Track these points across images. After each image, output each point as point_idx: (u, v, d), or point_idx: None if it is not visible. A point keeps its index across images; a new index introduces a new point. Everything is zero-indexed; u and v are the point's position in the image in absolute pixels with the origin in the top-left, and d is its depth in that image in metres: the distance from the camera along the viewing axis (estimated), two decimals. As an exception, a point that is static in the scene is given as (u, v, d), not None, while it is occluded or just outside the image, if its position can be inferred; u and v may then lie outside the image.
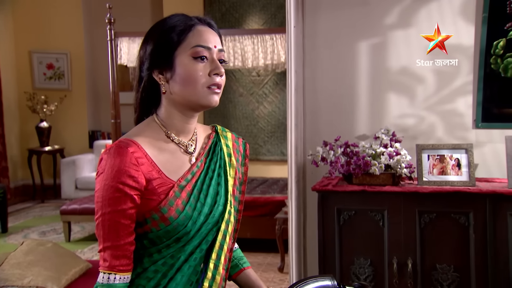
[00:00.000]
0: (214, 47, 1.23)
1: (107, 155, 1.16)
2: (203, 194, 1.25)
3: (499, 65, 2.87)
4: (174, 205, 1.18)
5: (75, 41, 7.60)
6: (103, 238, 1.15)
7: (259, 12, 6.50)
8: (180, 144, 1.27)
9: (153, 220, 1.17)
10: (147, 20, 7.52)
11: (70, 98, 7.63)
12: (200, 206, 1.23)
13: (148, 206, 1.17)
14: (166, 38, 1.22)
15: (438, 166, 2.81)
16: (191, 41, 1.21)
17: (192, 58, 1.20)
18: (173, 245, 1.21)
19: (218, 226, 1.27)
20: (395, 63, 3.07)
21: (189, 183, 1.23)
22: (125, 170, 1.13)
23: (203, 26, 1.25)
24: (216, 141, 1.36)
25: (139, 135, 1.22)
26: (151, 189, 1.17)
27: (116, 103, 4.63)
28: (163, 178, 1.19)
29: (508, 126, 2.89)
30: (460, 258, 2.68)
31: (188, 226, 1.20)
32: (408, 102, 3.07)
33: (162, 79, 1.23)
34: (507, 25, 2.84)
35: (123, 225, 1.14)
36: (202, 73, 1.20)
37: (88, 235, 5.65)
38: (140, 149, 1.17)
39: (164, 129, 1.25)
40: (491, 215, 2.61)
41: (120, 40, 4.72)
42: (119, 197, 1.13)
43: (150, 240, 1.20)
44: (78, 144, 7.67)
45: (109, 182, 1.13)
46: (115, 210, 1.13)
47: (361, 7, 3.08)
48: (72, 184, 6.80)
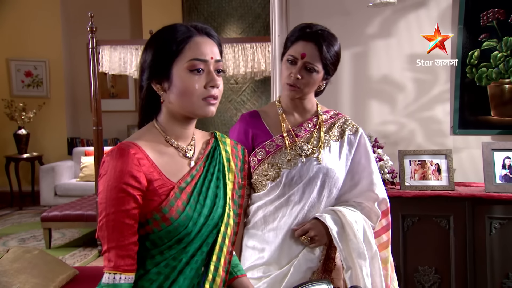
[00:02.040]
0: (211, 59, 1.22)
1: (109, 157, 1.15)
2: (203, 196, 1.25)
3: (474, 74, 2.93)
4: (174, 206, 1.18)
5: (54, 49, 7.42)
6: (107, 238, 1.13)
7: (237, 22, 6.48)
8: (179, 148, 1.27)
9: (155, 220, 1.17)
10: (126, 29, 7.41)
11: (49, 105, 7.44)
12: (200, 208, 1.23)
13: (150, 207, 1.17)
14: (164, 49, 1.21)
15: (419, 171, 2.84)
16: (187, 54, 1.20)
17: (188, 71, 1.19)
18: (174, 247, 1.20)
19: (218, 228, 1.27)
20: (376, 71, 3.09)
21: (189, 185, 1.23)
22: (128, 170, 1.13)
23: (200, 37, 1.23)
24: (215, 146, 1.36)
25: (139, 139, 1.22)
26: (152, 190, 1.17)
27: (98, 110, 4.53)
28: (163, 179, 1.19)
29: (483, 132, 2.95)
30: (441, 260, 2.70)
31: (189, 227, 1.19)
32: (389, 110, 3.09)
33: (160, 89, 1.23)
34: (480, 36, 2.90)
35: (127, 225, 1.13)
36: (198, 85, 1.19)
37: (69, 241, 5.49)
38: (141, 151, 1.18)
39: (163, 134, 1.26)
40: (470, 218, 2.65)
41: (101, 48, 4.62)
42: (123, 197, 1.12)
43: (151, 242, 1.19)
44: (57, 151, 7.48)
45: (112, 183, 1.12)
46: (119, 210, 1.12)
47: (343, 16, 3.09)
48: (51, 191, 6.62)
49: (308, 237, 1.72)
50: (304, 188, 1.74)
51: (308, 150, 1.77)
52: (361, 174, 1.82)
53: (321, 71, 1.75)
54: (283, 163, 1.76)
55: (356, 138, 1.84)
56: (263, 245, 1.77)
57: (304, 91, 1.76)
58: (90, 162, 6.60)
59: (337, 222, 1.73)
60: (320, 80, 1.78)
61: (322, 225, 1.72)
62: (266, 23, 6.30)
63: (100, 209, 1.14)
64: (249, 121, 1.85)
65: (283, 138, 1.79)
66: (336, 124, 1.85)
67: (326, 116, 1.87)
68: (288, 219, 1.75)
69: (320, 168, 1.75)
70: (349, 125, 1.86)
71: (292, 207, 1.75)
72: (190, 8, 6.65)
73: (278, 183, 1.75)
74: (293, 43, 1.76)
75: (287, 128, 1.81)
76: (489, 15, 2.85)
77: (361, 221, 1.76)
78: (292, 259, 1.74)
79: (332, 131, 1.83)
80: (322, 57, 1.71)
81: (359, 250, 1.71)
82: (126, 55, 4.61)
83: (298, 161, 1.75)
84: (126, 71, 4.68)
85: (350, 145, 1.83)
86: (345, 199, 1.83)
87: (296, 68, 1.72)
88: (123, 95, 7.63)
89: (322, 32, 1.74)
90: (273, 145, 1.79)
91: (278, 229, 1.75)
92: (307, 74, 1.73)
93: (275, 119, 1.84)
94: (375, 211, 1.81)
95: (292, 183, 1.74)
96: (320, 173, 1.75)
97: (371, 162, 1.84)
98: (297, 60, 1.73)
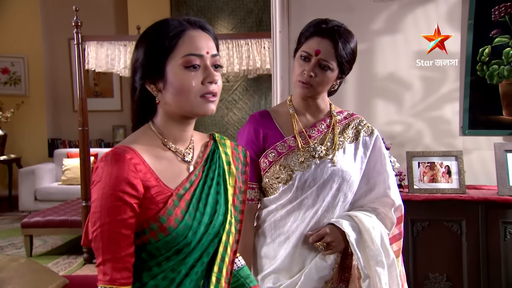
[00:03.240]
0: (207, 53, 1.17)
1: (103, 163, 1.11)
2: (202, 203, 1.21)
3: (485, 72, 2.90)
4: (173, 214, 1.14)
5: (33, 44, 7.27)
6: (102, 250, 1.09)
7: (228, 17, 6.42)
8: (177, 152, 1.23)
9: (152, 230, 1.13)
10: (111, 25, 7.29)
11: (28, 104, 7.29)
12: (200, 216, 1.19)
13: (146, 216, 1.13)
14: (156, 46, 1.17)
15: (428, 174, 2.80)
16: (181, 50, 1.16)
17: (183, 67, 1.15)
18: (173, 258, 1.16)
19: (219, 237, 1.23)
20: (382, 69, 3.05)
21: (188, 192, 1.20)
22: (124, 177, 1.09)
23: (194, 31, 1.18)
24: (214, 149, 1.32)
25: (135, 142, 1.18)
26: (150, 198, 1.13)
27: (83, 109, 4.44)
28: (161, 186, 1.16)
29: (494, 133, 2.93)
30: (453, 266, 2.67)
31: (188, 237, 1.15)
32: (395, 109, 3.06)
33: (155, 89, 1.19)
34: (492, 32, 2.88)
35: (124, 236, 1.09)
36: (195, 82, 1.15)
37: (51, 249, 5.37)
38: (137, 156, 1.14)
39: (160, 137, 1.22)
40: (483, 223, 2.62)
41: (87, 44, 4.53)
42: (119, 206, 1.08)
43: (148, 253, 1.15)
44: (36, 153, 7.33)
45: (107, 190, 1.08)
46: (115, 220, 1.08)
47: (347, 12, 3.04)
48: (31, 195, 6.47)
49: (324, 243, 1.68)
50: (318, 192, 1.71)
51: (322, 152, 1.74)
52: (377, 178, 1.80)
53: (335, 69, 1.72)
54: (295, 165, 1.72)
55: (372, 140, 1.81)
56: (274, 252, 1.74)
57: (317, 90, 1.73)
58: (73, 165, 6.48)
59: (355, 228, 1.70)
60: (334, 79, 1.75)
61: (339, 231, 1.69)
62: (259, 18, 6.26)
63: (94, 219, 1.10)
64: (259, 120, 1.82)
65: (295, 139, 1.76)
66: (350, 125, 1.82)
67: (340, 117, 1.84)
68: (300, 224, 1.72)
69: (335, 171, 1.72)
70: (364, 126, 1.84)
71: (305, 212, 1.72)
72: (178, 2, 6.58)
73: (291, 186, 1.71)
74: (307, 39, 1.73)
75: (299, 129, 1.78)
76: (501, 9, 2.83)
77: (378, 227, 1.73)
78: (304, 267, 1.71)
79: (347, 132, 1.80)
80: (338, 55, 1.68)
81: (377, 257, 1.68)
82: (114, 52, 4.53)
83: (312, 163, 1.72)
84: (114, 69, 4.60)
85: (365, 147, 1.81)
86: (360, 204, 1.80)
87: (310, 65, 1.69)
88: (107, 94, 7.51)
89: (339, 28, 1.71)
90: (285, 146, 1.76)
91: (289, 234, 1.72)
92: (321, 72, 1.70)
93: (287, 119, 1.81)
94: (391, 218, 1.78)
95: (305, 186, 1.71)
96: (335, 175, 1.72)
97: (387, 165, 1.81)
98: (311, 57, 1.70)
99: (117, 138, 7.40)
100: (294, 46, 3.08)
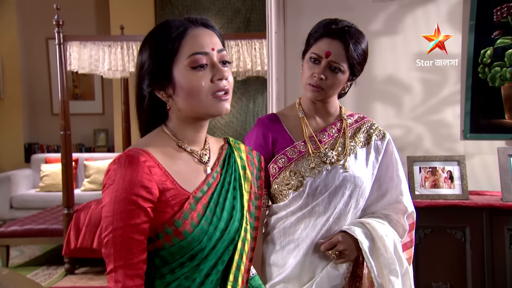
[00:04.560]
0: (212, 50, 1.17)
1: (116, 165, 1.10)
2: (219, 208, 1.20)
3: (486, 74, 2.91)
4: (189, 218, 1.13)
5: (8, 43, 7.13)
6: (114, 256, 1.08)
7: (215, 17, 6.38)
8: (194, 153, 1.23)
9: (166, 234, 1.12)
10: (92, 24, 7.20)
11: (3, 106, 7.15)
12: (216, 221, 1.18)
13: (161, 220, 1.12)
14: (160, 50, 1.16)
15: (430, 179, 2.80)
16: (185, 50, 1.15)
17: (190, 68, 1.15)
18: (187, 264, 1.14)
19: (234, 244, 1.22)
20: (381, 71, 3.04)
21: (205, 195, 1.19)
22: (138, 180, 1.08)
23: (196, 29, 1.18)
24: (230, 152, 1.32)
25: (149, 145, 1.17)
26: (165, 201, 1.12)
27: (65, 113, 4.38)
28: (177, 189, 1.15)
29: (496, 137, 2.93)
30: (457, 275, 2.67)
31: (203, 242, 1.14)
32: (394, 112, 3.05)
33: (165, 95, 1.19)
34: (494, 33, 2.88)
35: (137, 241, 1.08)
36: (204, 82, 1.15)
37: (29, 259, 5.25)
38: (152, 158, 1.13)
39: (174, 138, 1.22)
40: (488, 230, 2.62)
41: (69, 45, 4.45)
42: (132, 210, 1.07)
43: (162, 259, 1.14)
44: (12, 158, 7.17)
45: (120, 194, 1.07)
46: (128, 225, 1.07)
47: (345, 12, 3.02)
48: (7, 203, 6.33)
49: (336, 252, 1.67)
50: (329, 199, 1.70)
51: (333, 157, 1.74)
52: (389, 184, 1.80)
53: (346, 72, 1.71)
54: (306, 171, 1.71)
55: (384, 144, 1.81)
56: (283, 260, 1.73)
57: (328, 93, 1.73)
58: (52, 171, 6.37)
59: (367, 235, 1.69)
60: (345, 81, 1.74)
61: (351, 239, 1.68)
62: (247, 18, 6.24)
63: (106, 224, 1.08)
64: (268, 124, 1.80)
65: (305, 144, 1.75)
66: (361, 129, 1.82)
67: (350, 120, 1.84)
68: (311, 231, 1.71)
69: (347, 177, 1.71)
70: (375, 129, 1.83)
71: (316, 219, 1.71)
72: (163, 1, 6.52)
73: (301, 192, 1.70)
74: (316, 40, 1.72)
75: (309, 134, 1.77)
76: (504, 10, 2.84)
77: (391, 235, 1.73)
78: (314, 276, 1.70)
79: (358, 137, 1.80)
80: (349, 56, 1.67)
81: (390, 266, 1.68)
82: (98, 53, 4.46)
83: (323, 169, 1.72)
84: (98, 70, 4.53)
85: (377, 151, 1.80)
86: (371, 210, 1.80)
87: (320, 68, 1.68)
88: (88, 97, 7.40)
89: (349, 28, 1.71)
90: (296, 152, 1.75)
91: (299, 241, 1.72)
92: (332, 74, 1.69)
93: (296, 123, 1.81)
94: (403, 225, 1.78)
95: (316, 193, 1.70)
96: (347, 181, 1.71)
97: (399, 170, 1.81)
98: (321, 59, 1.69)
99: (99, 142, 7.30)
100: (290, 47, 3.09)
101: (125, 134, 5.86)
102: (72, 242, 4.40)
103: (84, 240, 4.38)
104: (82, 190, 6.37)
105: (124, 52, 4.45)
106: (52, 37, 4.35)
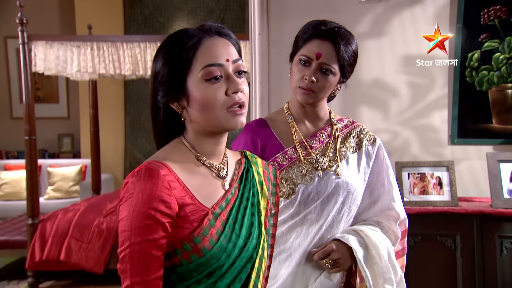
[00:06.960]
0: (227, 61, 1.16)
1: (135, 178, 1.11)
2: (238, 225, 1.21)
3: (474, 78, 2.94)
4: (208, 235, 1.13)
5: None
6: (131, 272, 1.07)
7: (187, 17, 6.31)
8: (212, 167, 1.23)
9: (184, 251, 1.12)
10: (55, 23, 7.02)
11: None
12: (235, 238, 1.19)
13: (180, 236, 1.12)
14: (174, 61, 1.17)
15: (419, 185, 2.81)
16: (199, 61, 1.15)
17: (204, 80, 1.15)
18: (204, 281, 1.14)
19: (252, 262, 1.22)
20: (367, 74, 3.04)
21: (224, 211, 1.19)
22: (158, 194, 1.09)
23: (210, 39, 1.17)
24: (248, 167, 1.32)
25: (168, 158, 1.18)
26: (184, 216, 1.13)
27: (31, 117, 4.25)
28: (196, 204, 1.15)
29: (484, 142, 2.97)
30: (447, 283, 2.68)
31: (221, 259, 1.15)
32: (381, 117, 3.05)
33: (179, 107, 1.20)
34: (481, 36, 2.92)
35: (154, 257, 1.08)
36: (219, 95, 1.15)
37: (-6, 273, 5.07)
38: (171, 173, 1.14)
39: (193, 151, 1.22)
40: (478, 237, 2.64)
41: (34, 45, 4.32)
42: (151, 225, 1.07)
43: (178, 275, 1.14)
44: (-32, 165, 6.94)
45: (139, 208, 1.08)
46: (146, 240, 1.07)
47: (330, 14, 2.97)
48: (-38, 213, 6.12)
49: (330, 261, 1.66)
50: (322, 206, 1.69)
51: (325, 163, 1.73)
52: (380, 190, 1.80)
53: (337, 73, 1.71)
54: (297, 178, 1.71)
55: (374, 149, 1.82)
56: (274, 270, 1.70)
57: (319, 96, 1.71)
58: (12, 178, 6.17)
59: (361, 243, 1.69)
60: (336, 84, 1.74)
61: (345, 247, 1.68)
62: (221, 18, 6.19)
63: (123, 238, 1.09)
64: (257, 130, 1.78)
65: (296, 150, 1.74)
66: (352, 134, 1.82)
67: (340, 125, 1.84)
68: (303, 240, 1.69)
69: (340, 183, 1.71)
70: (366, 134, 1.84)
71: (309, 227, 1.70)
72: (132, 0, 6.41)
73: (293, 200, 1.69)
74: (306, 42, 1.71)
75: (299, 139, 1.76)
76: (491, 13, 2.88)
77: (385, 243, 1.73)
78: (308, 287, 1.70)
79: (349, 142, 1.80)
80: (340, 58, 1.67)
81: (385, 275, 1.68)
82: (65, 53, 4.34)
83: (315, 175, 1.71)
84: (66, 72, 4.41)
85: (368, 157, 1.81)
86: (363, 217, 1.80)
87: (311, 70, 1.67)
88: (51, 99, 7.21)
89: (339, 29, 1.70)
90: (286, 158, 1.73)
91: (291, 251, 1.70)
92: (323, 76, 1.68)
93: (285, 128, 1.79)
94: (395, 232, 1.78)
95: (308, 200, 1.69)
96: (340, 188, 1.71)
97: (390, 176, 1.81)
98: (311, 61, 1.68)
99: (63, 148, 7.11)
100: (273, 49, 3.06)
101: (94, 139, 5.70)
102: (37, 254, 4.26)
103: (51, 251, 4.26)
104: (45, 198, 6.19)
105: (94, 53, 4.34)
106: (12, 36, 4.21)
